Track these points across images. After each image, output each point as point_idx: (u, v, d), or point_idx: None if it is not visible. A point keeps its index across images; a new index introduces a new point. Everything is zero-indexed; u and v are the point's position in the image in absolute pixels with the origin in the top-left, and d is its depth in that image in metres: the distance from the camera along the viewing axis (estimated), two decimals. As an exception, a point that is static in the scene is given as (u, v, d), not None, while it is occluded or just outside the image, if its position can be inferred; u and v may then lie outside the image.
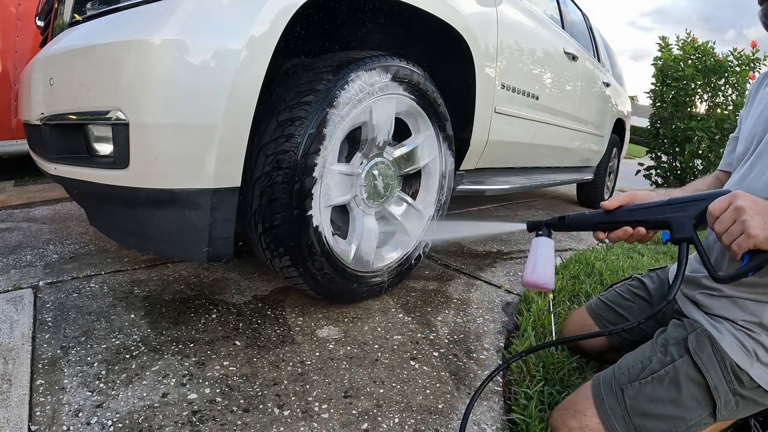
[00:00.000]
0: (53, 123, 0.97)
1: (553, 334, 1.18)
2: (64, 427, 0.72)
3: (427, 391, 0.91)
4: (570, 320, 1.13)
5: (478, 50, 1.42)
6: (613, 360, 0.97)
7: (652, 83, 4.11)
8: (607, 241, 0.81)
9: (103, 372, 0.86)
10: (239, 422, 0.77)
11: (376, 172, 1.21)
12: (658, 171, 4.25)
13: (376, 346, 1.06)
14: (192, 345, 0.98)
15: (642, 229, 0.76)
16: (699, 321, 0.81)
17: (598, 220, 0.79)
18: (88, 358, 0.90)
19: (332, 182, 1.09)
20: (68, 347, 0.93)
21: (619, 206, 0.78)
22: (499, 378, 1.00)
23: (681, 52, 3.85)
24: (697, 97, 3.87)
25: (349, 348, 1.04)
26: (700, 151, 3.91)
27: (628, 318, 1.01)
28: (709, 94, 3.82)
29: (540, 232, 0.83)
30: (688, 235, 0.69)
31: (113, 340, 0.97)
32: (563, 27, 2.41)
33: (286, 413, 0.80)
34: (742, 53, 3.67)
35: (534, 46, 1.87)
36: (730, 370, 0.73)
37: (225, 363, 0.93)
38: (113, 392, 0.81)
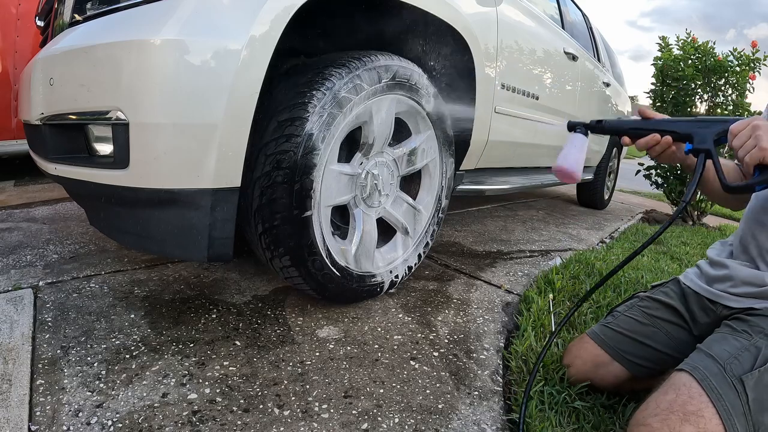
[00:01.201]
0: (53, 123, 0.97)
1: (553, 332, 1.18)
2: (64, 427, 0.72)
3: (427, 391, 0.91)
4: (577, 357, 0.97)
5: (478, 50, 1.42)
6: (632, 390, 0.94)
7: (652, 83, 4.10)
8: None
9: (103, 372, 0.86)
10: (239, 422, 0.77)
11: (376, 172, 1.21)
12: (658, 171, 4.25)
13: (376, 346, 1.06)
14: (192, 345, 0.98)
15: (669, 138, 0.81)
16: None
17: (631, 125, 0.85)
18: (88, 358, 0.90)
19: (332, 182, 1.09)
20: (68, 347, 0.93)
21: (653, 117, 0.84)
22: (499, 378, 1.00)
23: (681, 52, 3.85)
24: (697, 97, 3.87)
25: (349, 348, 1.04)
26: (700, 151, 3.90)
27: (653, 347, 0.90)
28: (709, 94, 3.82)
29: (578, 129, 0.89)
30: (706, 147, 0.76)
31: (113, 340, 0.97)
32: (563, 27, 2.41)
33: (286, 413, 0.80)
34: (742, 53, 3.67)
35: (534, 46, 1.88)
36: None
37: (225, 363, 0.93)
38: (113, 392, 0.81)
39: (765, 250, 0.84)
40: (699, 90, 3.81)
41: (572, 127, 0.91)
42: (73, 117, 0.92)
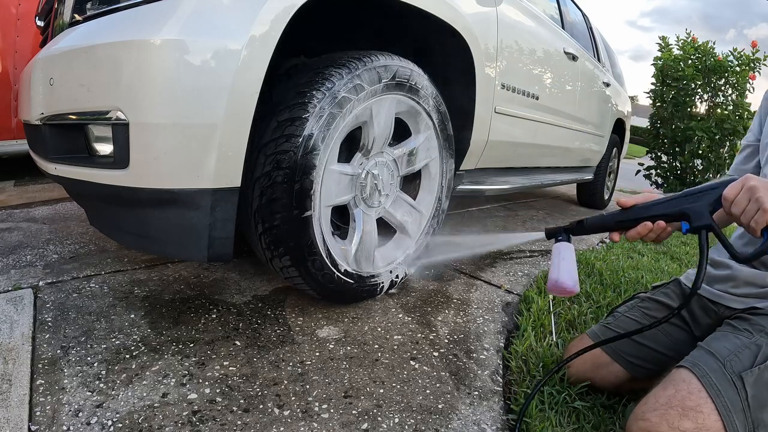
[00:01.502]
0: (53, 123, 0.97)
1: (553, 334, 1.18)
2: (64, 427, 0.72)
3: (427, 391, 0.91)
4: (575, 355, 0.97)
5: (478, 50, 1.42)
6: (631, 390, 0.94)
7: (652, 83, 4.11)
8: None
9: (103, 372, 0.86)
10: (239, 422, 0.77)
11: (376, 172, 1.21)
12: (658, 171, 4.25)
13: (376, 346, 1.06)
14: (192, 345, 0.98)
15: (662, 223, 0.75)
16: None
17: (616, 219, 0.80)
18: (88, 358, 0.90)
19: (332, 182, 1.09)
20: (68, 347, 0.93)
21: (635, 204, 0.79)
22: (499, 378, 1.00)
23: (681, 52, 3.85)
24: (697, 97, 3.87)
25: (349, 348, 1.04)
26: (700, 151, 3.91)
27: (653, 348, 0.91)
28: (709, 94, 3.82)
29: (560, 237, 0.84)
30: (706, 223, 0.71)
31: (113, 340, 0.97)
32: (563, 27, 2.41)
33: (286, 413, 0.80)
34: (742, 53, 3.67)
35: (534, 46, 1.88)
36: None
37: (225, 363, 0.93)
38: (113, 392, 0.81)
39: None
40: (699, 90, 3.82)
41: (551, 234, 0.85)
42: (73, 117, 0.92)
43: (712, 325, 0.86)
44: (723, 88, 3.77)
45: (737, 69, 3.65)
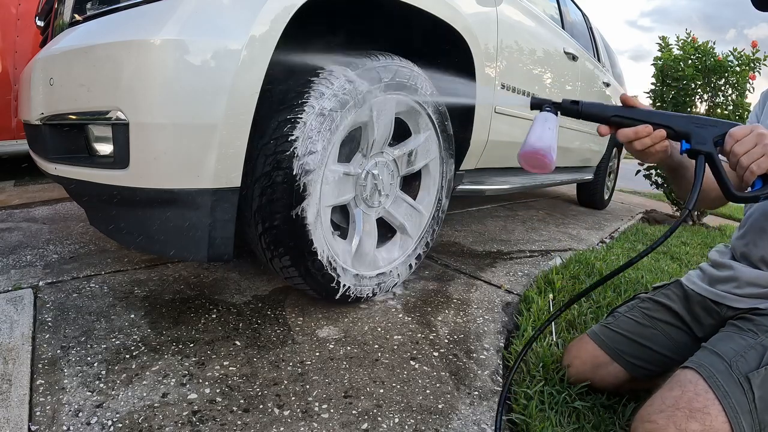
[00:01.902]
0: (53, 123, 0.97)
1: (553, 334, 1.18)
2: (64, 427, 0.72)
3: (427, 391, 0.91)
4: (576, 357, 0.97)
5: (478, 50, 1.42)
6: (631, 391, 0.94)
7: (652, 83, 4.10)
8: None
9: (103, 372, 0.86)
10: (239, 422, 0.77)
11: (376, 172, 1.21)
12: (658, 171, 4.25)
13: (376, 346, 1.06)
14: (192, 345, 0.98)
15: (662, 131, 0.71)
16: None
17: (615, 112, 0.73)
18: (88, 358, 0.90)
19: (332, 182, 1.09)
20: (68, 347, 0.93)
21: (639, 105, 0.75)
22: (499, 378, 1.00)
23: (681, 52, 3.85)
24: (697, 97, 3.86)
25: (349, 348, 1.04)
26: (700, 151, 3.90)
27: (653, 349, 0.90)
28: (709, 94, 3.82)
29: (547, 108, 0.75)
30: (707, 149, 0.68)
31: (113, 340, 0.97)
32: (563, 27, 2.41)
33: (286, 413, 0.80)
34: (742, 53, 3.67)
35: (534, 46, 1.88)
36: None
37: (225, 363, 0.93)
38: (113, 392, 0.81)
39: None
40: (699, 90, 3.81)
41: (538, 104, 0.76)
42: (73, 117, 0.92)
43: (715, 326, 0.86)
44: (723, 88, 3.77)
45: (737, 69, 3.65)
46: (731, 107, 3.75)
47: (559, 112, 0.76)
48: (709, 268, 0.95)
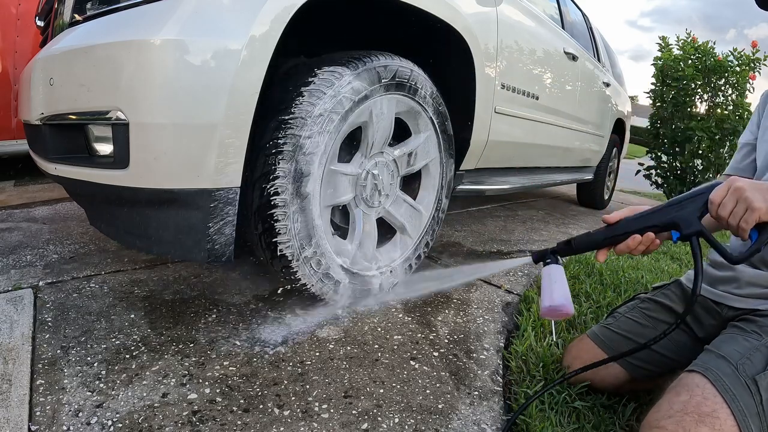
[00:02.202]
0: (53, 123, 0.97)
1: (553, 334, 1.18)
2: (64, 427, 0.72)
3: (427, 391, 0.91)
4: (577, 358, 0.97)
5: (478, 50, 1.42)
6: (631, 391, 0.94)
7: (652, 83, 4.11)
8: (602, 259, 0.80)
9: (103, 372, 0.86)
10: (239, 422, 0.77)
11: (376, 172, 1.21)
12: (658, 171, 4.25)
13: (376, 346, 1.06)
14: (192, 345, 0.98)
15: (651, 234, 0.75)
16: None
17: (604, 236, 0.79)
18: (88, 358, 0.90)
19: (332, 182, 1.09)
20: (68, 347, 0.93)
21: (620, 219, 0.79)
22: (499, 378, 1.00)
23: (681, 52, 3.85)
24: (697, 97, 3.87)
25: (349, 348, 1.04)
26: (700, 151, 3.91)
27: (653, 349, 0.89)
28: (709, 94, 3.82)
29: (548, 261, 0.82)
30: (696, 229, 0.71)
31: (113, 340, 0.97)
32: (563, 27, 2.41)
33: (286, 413, 0.80)
34: (742, 53, 3.67)
35: (534, 46, 1.88)
36: None
37: (225, 363, 0.93)
38: (113, 392, 0.81)
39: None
40: (699, 90, 3.81)
41: (540, 258, 0.84)
42: (73, 117, 0.92)
43: (716, 326, 0.86)
44: (723, 88, 3.77)
45: (737, 69, 3.65)
46: (731, 107, 3.75)
47: (559, 258, 0.83)
48: (709, 269, 0.95)
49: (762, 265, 0.85)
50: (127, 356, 0.92)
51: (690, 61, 3.77)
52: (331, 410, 0.83)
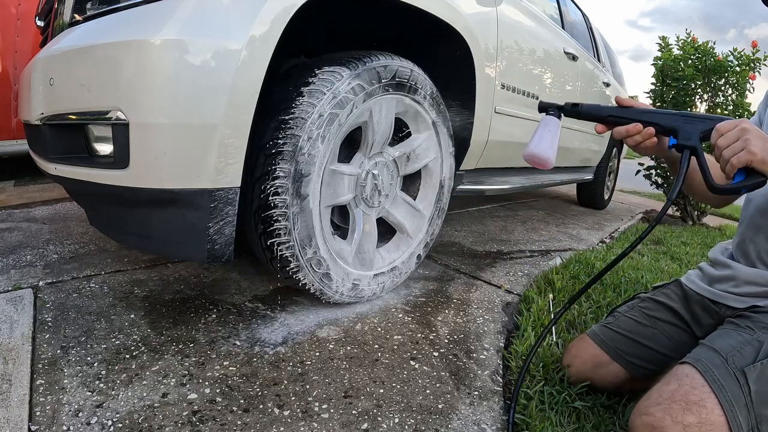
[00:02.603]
0: (53, 123, 0.97)
1: (553, 334, 1.18)
2: (64, 427, 0.72)
3: (427, 391, 0.91)
4: (576, 357, 0.98)
5: (478, 50, 1.42)
6: (632, 391, 0.94)
7: (652, 83, 4.10)
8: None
9: (103, 372, 0.86)
10: (239, 422, 0.77)
11: (376, 172, 1.21)
12: (658, 171, 4.25)
13: (376, 346, 1.06)
14: (192, 345, 0.98)
15: (651, 129, 0.77)
16: None
17: (610, 112, 0.81)
18: (88, 358, 0.90)
19: (332, 182, 1.09)
20: (68, 347, 0.93)
21: (632, 105, 0.80)
22: (499, 378, 1.00)
23: (681, 52, 3.85)
24: (697, 97, 3.86)
25: (349, 348, 1.04)
26: (700, 151, 3.91)
27: (653, 348, 0.91)
28: (709, 94, 3.82)
29: (551, 112, 0.85)
30: (692, 144, 0.73)
31: (113, 340, 0.97)
32: (563, 27, 2.41)
33: (286, 413, 0.80)
34: (742, 53, 3.66)
35: (534, 46, 1.88)
36: None
37: (225, 363, 0.93)
38: (113, 392, 0.81)
39: (764, 251, 0.84)
40: (699, 90, 3.81)
41: (544, 108, 0.86)
42: (73, 117, 0.92)
43: (714, 325, 0.86)
44: (723, 88, 3.77)
45: (737, 69, 3.65)
46: (731, 107, 3.75)
47: (562, 114, 0.85)
48: (708, 268, 0.95)
49: (759, 263, 0.85)
50: (127, 356, 0.92)
51: (690, 61, 3.77)
52: (331, 410, 0.83)
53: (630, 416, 0.70)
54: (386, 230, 1.35)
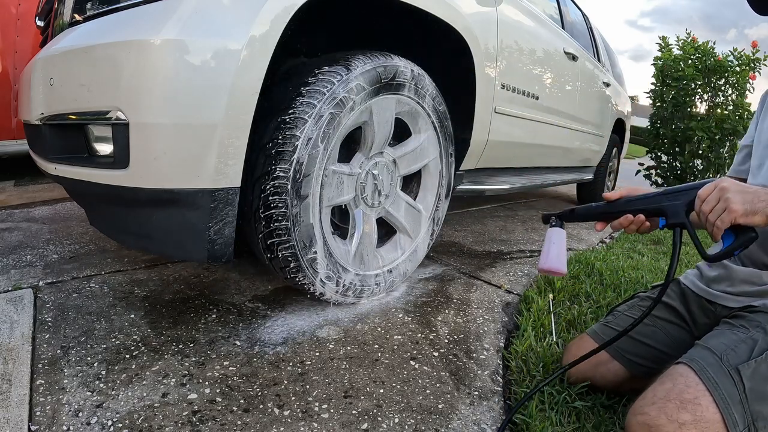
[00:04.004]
0: (53, 123, 0.97)
1: (553, 334, 1.18)
2: (64, 427, 0.72)
3: (427, 391, 0.91)
4: (574, 355, 0.94)
5: (478, 50, 1.42)
6: (632, 390, 0.93)
7: (652, 83, 4.11)
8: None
9: (103, 372, 0.86)
10: (239, 422, 0.77)
11: (376, 172, 1.21)
12: (658, 171, 4.26)
13: (376, 346, 1.06)
14: (192, 345, 0.98)
15: (641, 216, 0.80)
16: None
17: (601, 210, 0.87)
18: (88, 358, 0.90)
19: (332, 182, 1.09)
20: (68, 347, 0.93)
21: (620, 197, 0.84)
22: (499, 378, 1.00)
23: (681, 52, 3.85)
24: (697, 97, 3.87)
25: (349, 348, 1.04)
26: (700, 151, 3.91)
27: (652, 346, 0.91)
28: (709, 94, 3.82)
29: (553, 223, 0.92)
30: (680, 221, 0.76)
31: (113, 340, 0.97)
32: (563, 27, 2.41)
33: (286, 413, 0.80)
34: (742, 53, 3.67)
35: (534, 46, 1.88)
36: None
37: (225, 363, 0.93)
38: (113, 392, 0.81)
39: (755, 252, 0.84)
40: (699, 90, 3.82)
41: (547, 219, 0.95)
42: (73, 117, 0.92)
43: (710, 325, 0.86)
44: (723, 88, 3.77)
45: (737, 69, 3.65)
46: (731, 107, 3.75)
47: (563, 222, 0.93)
48: (705, 268, 0.96)
49: (748, 261, 0.85)
50: (127, 356, 0.92)
51: (690, 61, 3.77)
52: (331, 410, 0.83)
53: (627, 417, 0.70)
54: (386, 230, 1.35)
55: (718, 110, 3.81)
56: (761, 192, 0.67)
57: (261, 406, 0.81)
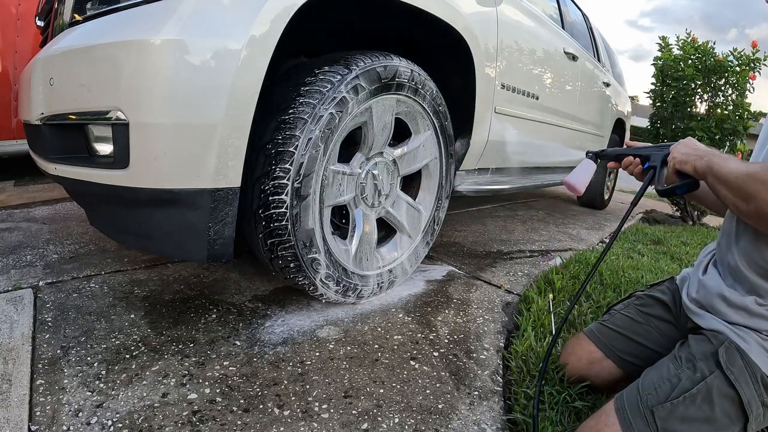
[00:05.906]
0: (53, 123, 0.97)
1: (553, 333, 1.18)
2: (64, 427, 0.72)
3: (427, 391, 0.91)
4: (572, 354, 0.99)
5: (478, 50, 1.42)
6: None
7: (652, 83, 4.10)
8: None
9: (103, 372, 0.86)
10: (239, 422, 0.77)
11: (376, 172, 1.21)
12: (658, 171, 4.25)
13: (376, 346, 1.06)
14: (192, 345, 0.98)
15: (638, 160, 0.98)
16: (722, 332, 0.78)
17: (619, 152, 1.07)
18: (88, 358, 0.90)
19: (332, 182, 1.09)
20: (68, 347, 0.93)
21: (631, 145, 1.03)
22: (499, 378, 1.00)
23: (681, 52, 3.85)
24: (697, 97, 3.86)
25: (349, 348, 1.04)
26: (700, 151, 3.90)
27: (645, 345, 0.92)
28: (709, 94, 3.82)
29: (590, 156, 1.14)
30: (654, 164, 0.94)
31: (113, 340, 0.97)
32: (563, 27, 2.41)
33: (286, 413, 0.80)
34: (742, 53, 3.66)
35: (534, 46, 1.87)
36: (760, 383, 0.71)
37: (225, 363, 0.93)
38: (113, 392, 0.81)
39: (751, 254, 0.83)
40: (699, 90, 3.81)
41: (588, 153, 1.16)
42: (73, 117, 0.92)
43: (689, 331, 0.87)
44: (723, 88, 3.77)
45: (737, 69, 3.65)
46: (731, 107, 3.75)
47: (597, 159, 1.14)
48: (689, 272, 0.96)
49: (745, 261, 0.82)
50: (127, 356, 0.92)
51: (690, 61, 3.76)
52: (331, 410, 0.83)
53: None
54: (386, 230, 1.35)
55: (718, 110, 3.81)
56: (702, 150, 0.79)
57: (261, 406, 0.81)
